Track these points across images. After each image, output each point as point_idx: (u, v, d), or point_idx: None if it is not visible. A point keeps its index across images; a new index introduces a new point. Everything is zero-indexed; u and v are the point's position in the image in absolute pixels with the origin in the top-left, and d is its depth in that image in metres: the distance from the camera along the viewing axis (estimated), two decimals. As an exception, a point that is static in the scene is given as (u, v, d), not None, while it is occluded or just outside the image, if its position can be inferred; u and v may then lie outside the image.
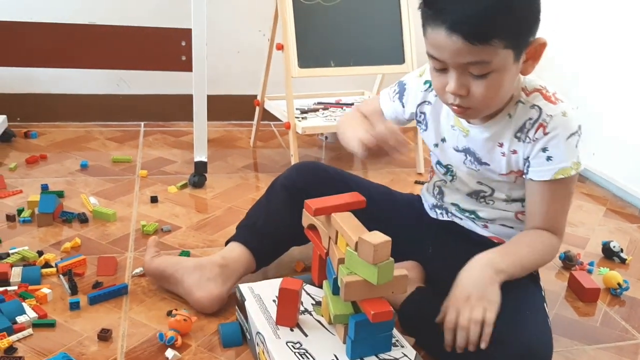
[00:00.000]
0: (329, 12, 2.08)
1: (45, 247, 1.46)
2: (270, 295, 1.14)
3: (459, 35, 0.95)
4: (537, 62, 1.06)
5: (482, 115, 1.12)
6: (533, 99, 1.10)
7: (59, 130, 2.35)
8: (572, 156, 1.09)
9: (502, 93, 1.05)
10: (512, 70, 1.02)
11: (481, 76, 1.00)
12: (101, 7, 2.32)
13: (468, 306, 1.03)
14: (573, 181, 1.13)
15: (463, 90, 1.02)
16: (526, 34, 1.01)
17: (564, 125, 1.08)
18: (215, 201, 1.82)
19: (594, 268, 1.58)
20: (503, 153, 1.14)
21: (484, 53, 0.97)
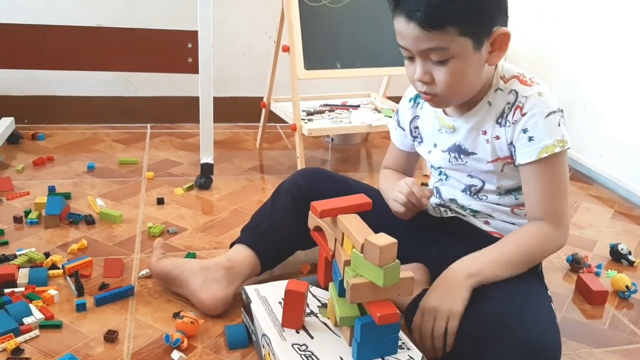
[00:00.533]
0: (334, 13, 2.08)
1: (52, 249, 1.47)
2: (276, 297, 1.14)
3: (415, 23, 1.02)
4: (503, 53, 1.09)
5: (452, 103, 1.16)
6: (510, 85, 1.13)
7: (66, 132, 2.36)
8: (553, 134, 1.09)
9: (467, 81, 1.08)
10: (475, 59, 1.06)
11: (442, 63, 1.05)
12: (108, 10, 2.33)
13: (432, 317, 1.07)
14: (562, 161, 1.12)
15: (427, 77, 1.08)
16: (484, 23, 1.04)
17: (540, 105, 1.10)
18: (222, 203, 1.82)
19: (602, 271, 1.57)
20: (487, 140, 1.16)
21: (440, 39, 1.02)
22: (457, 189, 1.27)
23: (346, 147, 2.46)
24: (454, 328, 1.05)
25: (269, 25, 2.35)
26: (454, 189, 1.28)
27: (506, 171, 1.17)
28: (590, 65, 2.24)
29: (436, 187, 1.33)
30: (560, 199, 1.13)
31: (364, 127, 2.13)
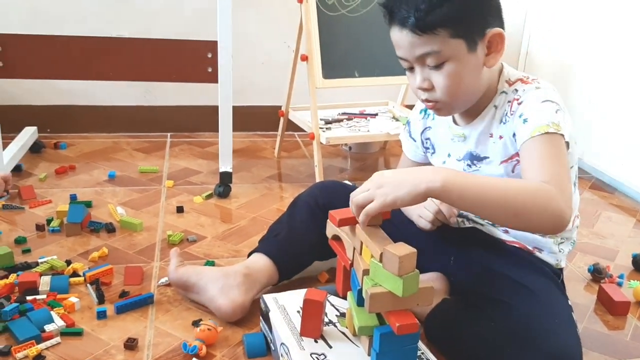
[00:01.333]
0: (353, 23, 2.09)
1: (74, 257, 1.48)
2: (295, 306, 1.14)
3: (408, 29, 1.04)
4: (500, 54, 1.09)
5: (455, 109, 1.16)
6: (515, 86, 1.14)
7: (87, 141, 2.39)
8: (548, 117, 1.05)
9: (465, 83, 1.08)
10: (471, 61, 1.07)
11: (438, 67, 1.06)
12: (129, 21, 2.36)
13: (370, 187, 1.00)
14: (558, 144, 1.04)
15: (426, 83, 1.09)
16: (474, 25, 1.05)
17: (536, 94, 1.09)
18: (240, 211, 1.83)
19: (624, 281, 1.54)
20: (494, 142, 1.16)
21: (433, 43, 1.04)
22: None
23: (364, 155, 2.46)
24: (373, 209, 0.97)
25: (287, 34, 2.36)
26: None
27: (517, 172, 1.15)
28: (609, 73, 2.22)
29: None
30: (560, 173, 1.01)
31: (382, 136, 2.13)
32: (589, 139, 2.31)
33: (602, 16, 2.27)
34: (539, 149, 1.03)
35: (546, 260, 1.21)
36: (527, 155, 1.06)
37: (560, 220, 0.97)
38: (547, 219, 0.97)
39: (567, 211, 0.97)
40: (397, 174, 1.01)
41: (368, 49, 2.11)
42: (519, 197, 0.97)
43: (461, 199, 0.97)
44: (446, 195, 0.97)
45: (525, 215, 0.97)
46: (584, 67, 2.37)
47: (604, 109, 2.25)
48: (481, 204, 0.98)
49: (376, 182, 1.00)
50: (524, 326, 1.01)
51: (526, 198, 0.97)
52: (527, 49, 2.72)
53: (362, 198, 1.00)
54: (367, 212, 0.99)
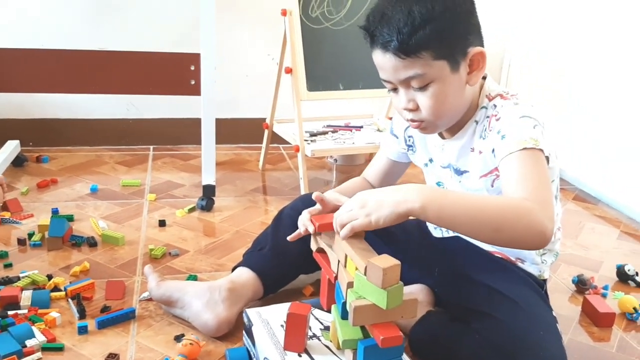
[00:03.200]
0: (336, 35, 2.10)
1: (55, 271, 1.46)
2: (278, 320, 1.13)
3: (391, 53, 1.04)
4: (482, 72, 1.10)
5: (439, 128, 1.16)
6: (494, 101, 1.14)
7: (69, 154, 2.36)
8: (526, 132, 1.04)
9: (449, 103, 1.09)
10: (454, 81, 1.07)
11: (423, 89, 1.07)
12: (111, 33, 2.35)
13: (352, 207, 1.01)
14: (538, 158, 1.03)
15: (411, 104, 1.10)
16: (456, 45, 1.06)
17: (514, 110, 1.09)
18: (224, 225, 1.82)
19: (609, 292, 1.55)
20: (475, 156, 1.16)
21: (417, 66, 1.04)
22: None
23: (349, 167, 2.46)
24: (357, 226, 0.98)
25: (271, 47, 2.36)
26: None
27: (497, 186, 1.16)
28: (592, 86, 2.25)
29: None
30: (541, 187, 1.00)
31: (368, 148, 2.14)
32: (572, 151, 2.33)
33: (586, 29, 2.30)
34: (518, 164, 1.03)
35: (529, 271, 1.21)
36: (506, 172, 1.05)
37: (542, 236, 0.96)
38: (528, 235, 0.96)
39: (549, 226, 0.96)
40: (378, 194, 1.01)
41: (352, 62, 2.12)
42: (499, 214, 0.96)
43: (440, 219, 0.98)
44: (425, 215, 0.97)
45: (506, 232, 0.96)
46: (566, 81, 2.39)
47: (586, 121, 2.28)
48: (461, 222, 0.98)
49: (359, 202, 1.01)
50: (509, 338, 1.01)
51: (506, 214, 0.96)
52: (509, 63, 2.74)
53: (346, 218, 1.01)
54: (352, 228, 0.99)
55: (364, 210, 0.99)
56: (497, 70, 2.77)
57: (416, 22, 1.01)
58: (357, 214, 1.00)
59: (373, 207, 0.99)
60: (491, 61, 1.11)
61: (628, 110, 2.07)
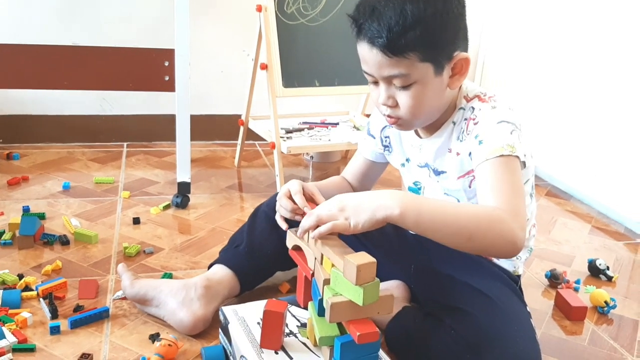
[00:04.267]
0: (312, 32, 2.09)
1: (26, 270, 1.44)
2: (255, 318, 1.12)
3: (378, 49, 1.04)
4: (464, 77, 1.11)
5: (415, 126, 1.18)
6: (471, 103, 1.14)
7: (41, 151, 2.32)
8: (503, 139, 1.05)
9: (428, 105, 1.10)
10: (436, 84, 1.07)
11: (404, 88, 1.07)
12: (84, 29, 2.31)
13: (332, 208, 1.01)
14: (513, 166, 1.05)
15: (390, 101, 1.10)
16: (444, 49, 1.06)
17: (492, 115, 1.09)
18: (199, 222, 1.80)
19: (581, 286, 1.57)
20: (452, 157, 1.17)
21: (402, 66, 1.04)
22: None
23: (325, 164, 2.45)
24: (336, 228, 0.99)
25: (246, 43, 2.35)
26: None
27: (474, 187, 1.16)
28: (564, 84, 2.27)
29: None
30: (515, 194, 1.03)
31: (344, 145, 2.14)
32: (544, 148, 2.35)
33: (558, 27, 2.33)
34: (493, 172, 1.05)
35: (504, 267, 1.22)
36: (481, 179, 1.07)
37: (513, 245, 0.98)
38: (500, 244, 0.98)
39: (520, 235, 0.98)
40: (357, 199, 1.01)
41: (328, 59, 2.12)
42: (472, 222, 0.98)
43: (417, 225, 0.99)
44: (403, 221, 0.98)
45: (479, 240, 0.98)
46: (538, 78, 2.42)
47: (559, 118, 2.30)
48: (436, 229, 0.99)
49: (338, 204, 1.02)
50: (483, 333, 1.02)
51: (480, 223, 0.98)
52: (483, 60, 2.77)
53: (326, 216, 1.01)
54: (333, 227, 0.99)
55: (343, 214, 1.00)
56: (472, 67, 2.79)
57: (407, 21, 1.00)
58: (336, 215, 1.00)
59: (352, 212, 1.00)
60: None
61: (600, 108, 2.10)
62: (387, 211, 0.98)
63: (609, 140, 2.06)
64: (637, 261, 1.78)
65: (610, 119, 2.05)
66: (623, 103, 2.00)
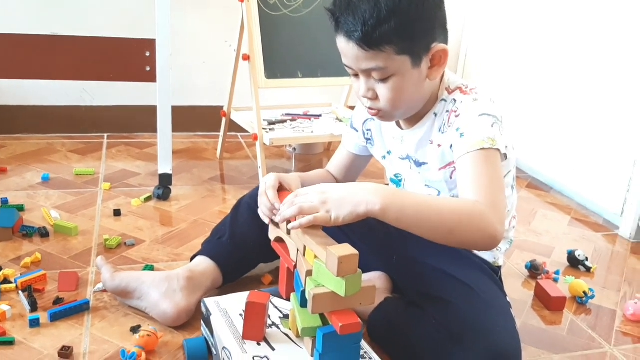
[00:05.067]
0: (295, 23, 2.08)
1: (5, 263, 1.42)
2: (237, 309, 1.12)
3: (354, 43, 1.04)
4: (443, 68, 1.12)
5: (397, 118, 1.18)
6: (453, 95, 1.15)
7: (19, 142, 2.29)
8: (484, 132, 1.07)
9: (407, 97, 1.10)
10: (414, 75, 1.08)
11: (383, 80, 1.07)
12: (63, 18, 2.28)
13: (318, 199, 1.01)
14: (494, 158, 1.07)
15: (370, 93, 1.10)
16: (420, 41, 1.06)
17: (473, 107, 1.10)
18: (181, 214, 1.79)
19: (560, 277, 1.59)
20: (434, 149, 1.18)
21: (379, 59, 1.04)
22: None
23: (308, 156, 2.45)
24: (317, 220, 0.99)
25: (228, 33, 2.33)
26: None
27: (455, 178, 1.18)
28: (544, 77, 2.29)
29: None
30: (494, 187, 1.05)
31: (326, 137, 2.13)
32: (525, 141, 2.37)
33: (539, 19, 2.34)
34: (473, 165, 1.06)
35: (484, 258, 1.23)
36: (462, 172, 1.08)
37: (491, 239, 1.01)
38: (479, 237, 1.01)
39: (499, 229, 1.01)
40: (339, 192, 1.01)
41: (311, 50, 2.11)
42: (453, 217, 1.00)
43: (398, 221, 1.00)
44: (384, 216, 0.99)
45: (459, 234, 1.01)
46: (519, 71, 2.44)
47: (539, 111, 2.32)
48: (417, 224, 1.01)
49: (320, 197, 1.01)
50: (463, 323, 1.03)
51: (461, 217, 1.00)
52: (465, 53, 2.78)
53: (308, 207, 1.00)
54: (314, 219, 0.99)
55: (324, 206, 1.00)
56: (454, 59, 2.80)
57: (382, 14, 1.00)
58: (318, 207, 1.00)
59: (333, 205, 1.00)
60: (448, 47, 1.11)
61: (581, 101, 2.12)
62: (369, 206, 0.98)
63: (590, 133, 2.08)
64: (615, 252, 1.81)
65: (591, 113, 2.07)
66: (603, 97, 2.02)
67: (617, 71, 1.97)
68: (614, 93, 1.98)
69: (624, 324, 1.41)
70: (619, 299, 1.52)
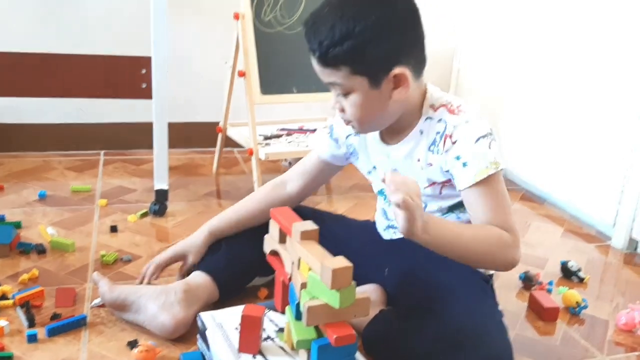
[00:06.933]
0: (290, 40, 2.11)
1: (2, 279, 1.43)
2: (233, 323, 1.13)
3: (315, 59, 1.12)
4: (407, 89, 1.12)
5: (366, 131, 1.22)
6: (440, 114, 1.17)
7: (16, 160, 2.30)
8: (486, 157, 1.11)
9: (370, 114, 1.14)
10: (374, 95, 1.11)
11: (344, 95, 1.13)
12: (59, 36, 2.30)
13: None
14: (498, 179, 1.13)
15: (337, 105, 1.16)
16: (377, 65, 1.09)
17: (469, 131, 1.13)
18: (177, 229, 1.80)
19: (553, 287, 1.60)
20: (422, 168, 1.19)
21: (336, 76, 1.10)
22: None
23: (303, 171, 2.46)
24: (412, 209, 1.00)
25: (224, 50, 2.36)
26: None
27: (445, 193, 1.21)
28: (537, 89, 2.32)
29: (382, 209, 1.36)
30: (506, 213, 1.13)
31: (320, 151, 2.15)
32: (519, 154, 2.39)
33: (531, 33, 2.37)
34: (485, 195, 1.12)
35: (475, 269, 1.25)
36: (474, 202, 1.13)
37: (512, 265, 1.12)
38: (501, 263, 1.12)
39: (518, 255, 1.12)
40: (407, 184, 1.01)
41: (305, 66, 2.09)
42: (485, 247, 1.10)
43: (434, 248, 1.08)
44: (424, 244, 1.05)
45: (486, 261, 1.13)
46: (512, 84, 2.46)
47: (532, 124, 2.35)
48: (451, 253, 1.10)
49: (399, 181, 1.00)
50: (457, 333, 1.04)
51: (491, 248, 1.10)
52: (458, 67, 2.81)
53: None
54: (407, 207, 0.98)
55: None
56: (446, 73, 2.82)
57: (335, 37, 1.06)
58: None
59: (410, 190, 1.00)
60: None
61: (573, 114, 2.15)
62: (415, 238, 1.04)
63: (582, 146, 2.10)
64: (607, 263, 1.83)
65: (583, 125, 2.10)
66: (596, 109, 2.05)
67: (608, 84, 1.99)
68: (605, 106, 2.01)
69: (617, 334, 1.42)
70: (612, 309, 1.54)
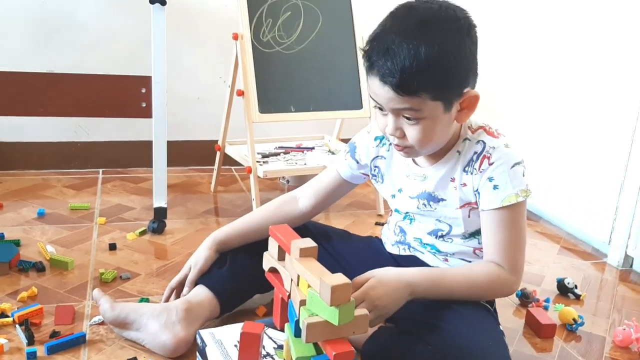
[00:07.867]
0: (288, 59, 2.13)
1: (1, 297, 1.43)
2: (232, 340, 1.14)
3: (389, 87, 1.06)
4: (472, 112, 1.15)
5: (421, 155, 1.21)
6: (478, 135, 1.19)
7: (15, 178, 2.31)
8: (518, 184, 1.14)
9: (436, 138, 1.14)
10: (444, 119, 1.11)
11: (413, 122, 1.10)
12: (59, 56, 2.32)
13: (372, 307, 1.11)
14: (522, 211, 1.17)
15: (398, 132, 1.13)
16: (454, 88, 1.10)
17: (507, 156, 1.15)
18: (175, 247, 1.81)
19: (550, 304, 1.61)
20: (455, 187, 1.20)
21: (413, 103, 1.07)
22: (424, 232, 1.30)
23: (301, 189, 2.47)
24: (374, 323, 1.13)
25: (222, 69, 2.38)
26: (420, 231, 1.31)
27: (473, 217, 1.22)
28: (534, 108, 2.34)
29: (399, 227, 1.36)
30: (519, 248, 1.18)
31: (319, 169, 2.15)
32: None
33: (529, 52, 2.40)
34: (504, 222, 1.16)
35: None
36: (491, 227, 1.17)
37: (508, 295, 1.23)
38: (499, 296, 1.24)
39: (516, 286, 1.20)
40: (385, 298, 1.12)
41: (303, 85, 2.16)
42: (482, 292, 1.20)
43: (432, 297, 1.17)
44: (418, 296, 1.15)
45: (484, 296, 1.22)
46: (509, 104, 2.49)
47: (528, 142, 2.37)
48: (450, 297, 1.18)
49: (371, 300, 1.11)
50: (459, 349, 1.05)
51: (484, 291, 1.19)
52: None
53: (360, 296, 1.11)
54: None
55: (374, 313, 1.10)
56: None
57: (421, 64, 1.02)
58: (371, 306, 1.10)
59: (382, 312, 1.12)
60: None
61: (569, 132, 2.17)
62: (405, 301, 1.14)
63: (577, 163, 2.12)
64: (604, 280, 1.84)
65: (578, 143, 2.12)
66: (590, 128, 2.07)
67: (602, 102, 2.02)
68: (599, 125, 2.03)
69: (614, 350, 1.43)
70: (608, 325, 1.55)
